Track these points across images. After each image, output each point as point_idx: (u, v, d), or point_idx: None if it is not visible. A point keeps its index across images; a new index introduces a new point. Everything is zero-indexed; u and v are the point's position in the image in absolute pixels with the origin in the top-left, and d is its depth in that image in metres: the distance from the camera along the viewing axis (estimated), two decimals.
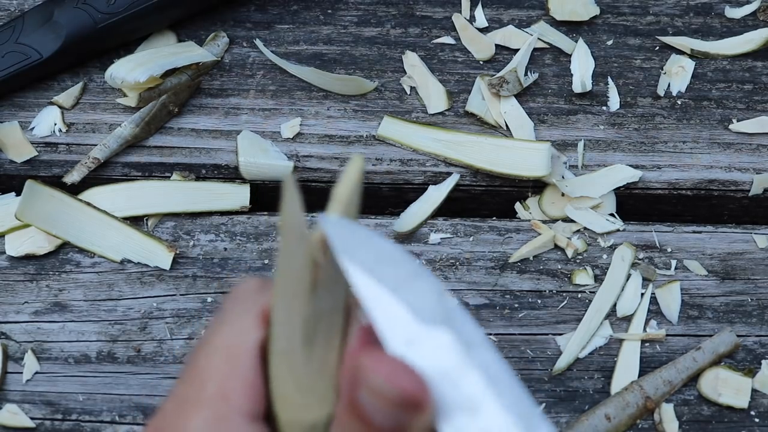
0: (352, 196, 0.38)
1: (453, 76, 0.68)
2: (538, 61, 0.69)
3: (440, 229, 0.64)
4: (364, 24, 0.70)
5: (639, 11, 0.70)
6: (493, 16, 0.70)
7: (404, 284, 0.34)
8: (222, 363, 0.38)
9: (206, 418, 0.37)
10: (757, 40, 0.69)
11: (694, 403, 0.61)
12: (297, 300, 0.37)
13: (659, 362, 0.62)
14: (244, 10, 0.70)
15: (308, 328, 0.37)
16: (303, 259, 0.37)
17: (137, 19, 0.66)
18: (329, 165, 0.66)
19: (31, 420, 0.60)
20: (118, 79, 0.65)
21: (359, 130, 0.67)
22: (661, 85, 0.68)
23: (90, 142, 0.66)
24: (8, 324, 0.62)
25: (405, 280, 0.35)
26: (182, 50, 0.67)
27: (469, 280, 0.63)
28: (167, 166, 0.66)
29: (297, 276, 0.37)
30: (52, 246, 0.64)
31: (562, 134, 0.67)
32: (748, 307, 0.63)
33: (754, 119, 0.67)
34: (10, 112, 0.67)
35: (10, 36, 0.66)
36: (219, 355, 0.38)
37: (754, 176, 0.66)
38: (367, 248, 0.35)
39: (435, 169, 0.66)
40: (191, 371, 0.38)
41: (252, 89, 0.68)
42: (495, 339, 0.62)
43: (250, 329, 0.38)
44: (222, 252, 0.64)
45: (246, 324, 0.38)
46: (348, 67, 0.68)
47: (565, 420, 0.60)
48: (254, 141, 0.66)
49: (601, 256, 0.64)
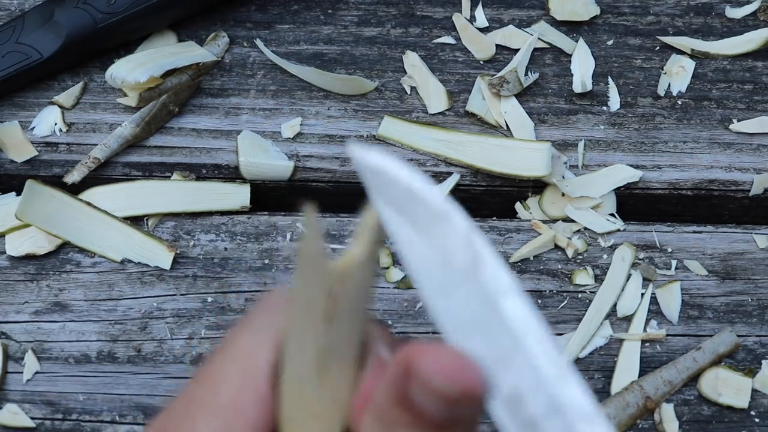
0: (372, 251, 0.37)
1: (453, 76, 0.68)
2: (538, 61, 0.69)
3: None
4: (365, 24, 0.70)
5: (639, 11, 0.70)
6: (493, 16, 0.70)
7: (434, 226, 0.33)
8: (239, 372, 0.37)
9: (215, 426, 0.36)
10: (758, 40, 0.68)
11: (694, 403, 0.61)
12: (311, 329, 0.36)
13: (659, 362, 0.62)
14: (245, 10, 0.70)
15: (322, 357, 0.36)
16: (320, 289, 0.36)
17: (137, 19, 0.66)
18: (329, 165, 0.66)
19: (32, 420, 0.60)
20: (119, 79, 0.65)
21: (359, 130, 0.67)
22: (662, 85, 0.68)
23: (90, 141, 0.66)
24: (8, 324, 0.62)
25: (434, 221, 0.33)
26: (182, 50, 0.67)
27: None
28: (167, 166, 0.66)
29: (313, 306, 0.36)
30: (53, 246, 0.64)
31: (563, 134, 0.67)
32: (748, 307, 0.63)
33: (755, 119, 0.67)
34: (10, 112, 0.67)
35: (11, 36, 0.66)
36: (237, 364, 0.37)
37: (754, 176, 0.66)
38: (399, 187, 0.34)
39: (435, 169, 0.66)
40: (206, 373, 0.37)
41: (252, 89, 0.68)
42: None
43: (266, 344, 0.37)
44: (222, 252, 0.64)
45: (263, 338, 0.37)
46: (348, 67, 0.68)
47: None
48: (254, 141, 0.66)
49: (601, 256, 0.64)
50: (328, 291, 0.36)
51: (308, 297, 0.36)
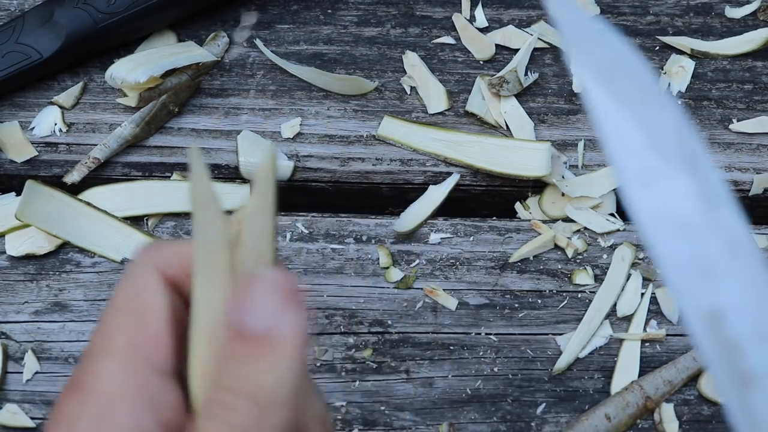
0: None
1: (453, 76, 0.68)
2: (538, 61, 0.69)
3: (440, 229, 0.64)
4: (364, 24, 0.70)
5: (639, 11, 0.70)
6: (493, 16, 0.70)
7: (644, 107, 0.30)
8: (127, 319, 0.38)
9: (118, 365, 0.37)
10: (757, 40, 0.69)
11: (694, 402, 0.61)
12: (216, 279, 0.37)
13: (659, 362, 0.62)
14: (245, 10, 0.70)
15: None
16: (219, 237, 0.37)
17: (137, 19, 0.66)
18: (329, 165, 0.66)
19: (32, 420, 0.60)
20: (118, 79, 0.65)
21: (359, 130, 0.67)
22: (662, 85, 0.68)
23: (90, 142, 0.66)
24: (8, 324, 0.62)
25: (645, 101, 0.30)
26: (182, 50, 0.67)
27: (469, 280, 0.63)
28: (167, 166, 0.66)
29: (215, 256, 0.37)
30: (52, 246, 0.64)
31: (562, 134, 0.67)
32: None
33: (754, 119, 0.67)
34: (10, 112, 0.67)
35: (10, 36, 0.66)
36: (124, 312, 0.38)
37: (754, 176, 0.66)
38: (603, 51, 0.31)
39: (435, 169, 0.66)
40: (99, 329, 0.39)
41: (252, 89, 0.68)
42: (495, 339, 0.62)
43: (151, 288, 0.38)
44: None
45: (146, 283, 0.39)
46: (348, 67, 0.68)
47: (565, 420, 0.60)
48: (254, 141, 0.66)
49: (601, 256, 0.64)
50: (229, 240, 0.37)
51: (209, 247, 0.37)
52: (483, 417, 0.61)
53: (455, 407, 0.61)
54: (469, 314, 0.62)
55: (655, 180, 0.30)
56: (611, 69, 0.30)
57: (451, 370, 0.61)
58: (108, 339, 0.38)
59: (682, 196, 0.30)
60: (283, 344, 0.36)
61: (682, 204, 0.30)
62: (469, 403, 0.61)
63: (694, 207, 0.30)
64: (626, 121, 0.30)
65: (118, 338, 0.38)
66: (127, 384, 0.37)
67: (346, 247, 0.64)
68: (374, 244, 0.64)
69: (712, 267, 0.29)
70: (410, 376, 0.61)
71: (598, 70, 0.30)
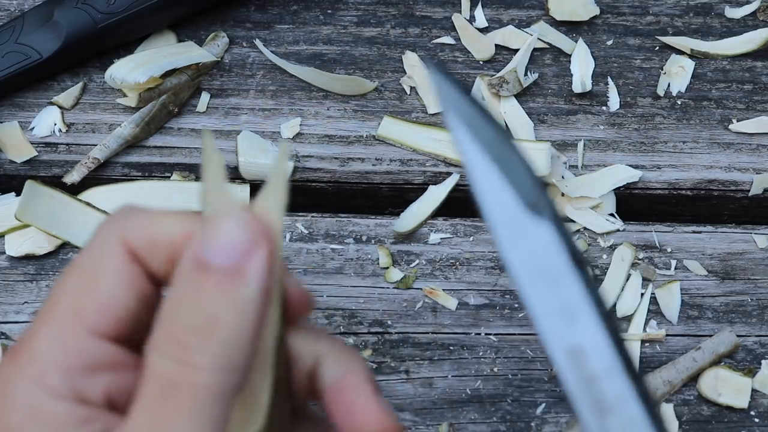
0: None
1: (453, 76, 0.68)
2: (538, 61, 0.69)
3: (440, 229, 0.65)
4: (364, 24, 0.70)
5: (639, 11, 0.70)
6: (493, 16, 0.70)
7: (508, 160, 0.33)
8: (77, 282, 0.38)
9: (54, 332, 0.37)
10: (757, 40, 0.69)
11: (694, 403, 0.61)
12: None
13: (659, 362, 0.62)
14: (244, 10, 0.70)
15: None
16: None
17: (137, 19, 0.66)
18: (329, 165, 0.66)
19: None
20: (118, 80, 0.65)
21: (359, 130, 0.67)
22: (661, 85, 0.68)
23: (90, 142, 0.66)
24: (8, 324, 0.62)
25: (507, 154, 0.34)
26: (182, 50, 0.67)
27: (469, 280, 0.63)
28: (167, 166, 0.66)
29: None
30: (52, 246, 0.64)
31: (562, 134, 0.67)
32: (748, 307, 0.63)
33: (754, 119, 0.67)
34: (10, 112, 0.67)
35: (10, 36, 0.66)
36: (75, 276, 0.38)
37: (754, 176, 0.66)
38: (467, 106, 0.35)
39: (435, 169, 0.66)
40: (50, 293, 0.38)
41: (252, 89, 0.68)
42: (495, 339, 0.62)
43: (109, 256, 0.38)
44: None
45: (107, 248, 0.38)
46: (348, 67, 0.68)
47: (565, 420, 0.60)
48: (254, 141, 0.66)
49: (601, 256, 0.64)
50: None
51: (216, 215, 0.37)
52: (483, 417, 0.61)
53: (455, 407, 0.61)
54: (468, 314, 0.62)
55: (522, 230, 0.33)
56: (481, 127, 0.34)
57: (450, 370, 0.61)
58: (53, 304, 0.38)
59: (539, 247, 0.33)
60: (246, 279, 0.35)
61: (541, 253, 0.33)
62: (469, 404, 0.61)
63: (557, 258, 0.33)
64: (492, 171, 0.34)
65: (63, 303, 0.37)
66: (60, 347, 0.36)
67: (345, 247, 0.64)
68: (374, 245, 0.64)
69: (573, 310, 0.33)
70: (410, 377, 0.61)
71: (471, 127, 0.34)
